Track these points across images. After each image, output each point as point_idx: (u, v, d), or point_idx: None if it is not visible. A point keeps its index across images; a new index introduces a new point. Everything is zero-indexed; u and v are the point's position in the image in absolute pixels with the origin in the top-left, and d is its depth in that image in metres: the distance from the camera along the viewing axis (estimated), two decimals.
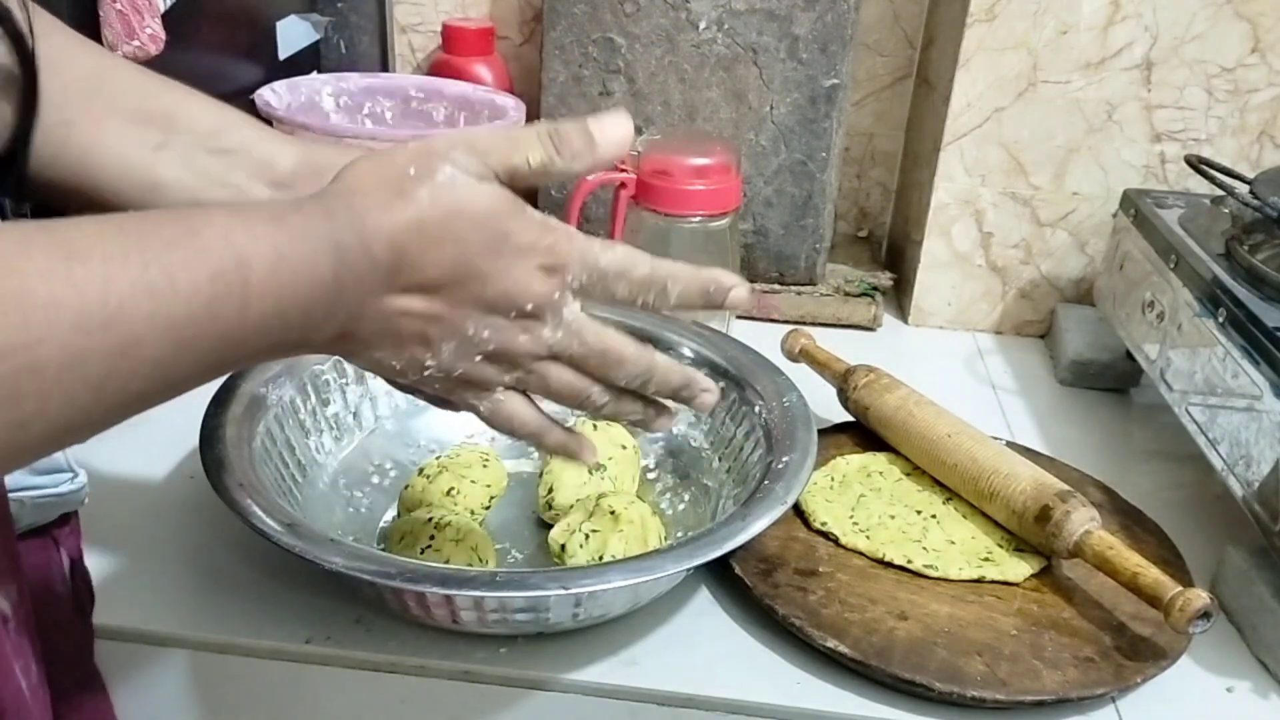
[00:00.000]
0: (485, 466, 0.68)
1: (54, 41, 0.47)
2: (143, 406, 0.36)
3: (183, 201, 0.49)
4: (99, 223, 0.35)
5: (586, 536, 0.62)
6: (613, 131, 0.46)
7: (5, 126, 0.44)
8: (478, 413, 0.48)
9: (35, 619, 0.44)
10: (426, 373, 0.45)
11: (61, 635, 0.47)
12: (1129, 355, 0.85)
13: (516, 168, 0.44)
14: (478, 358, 0.45)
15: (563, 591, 0.53)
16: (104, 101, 0.49)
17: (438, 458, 0.69)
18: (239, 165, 0.50)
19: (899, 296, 1.05)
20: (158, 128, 0.49)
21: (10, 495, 0.45)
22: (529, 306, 0.44)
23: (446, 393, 0.47)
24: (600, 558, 0.61)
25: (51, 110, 0.46)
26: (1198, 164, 0.79)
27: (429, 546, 0.61)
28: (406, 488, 0.68)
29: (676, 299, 0.47)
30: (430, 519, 0.63)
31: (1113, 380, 0.90)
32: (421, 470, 0.68)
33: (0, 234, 0.32)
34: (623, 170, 0.85)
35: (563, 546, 0.63)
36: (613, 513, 0.62)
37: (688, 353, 0.76)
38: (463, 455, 0.69)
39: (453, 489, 0.66)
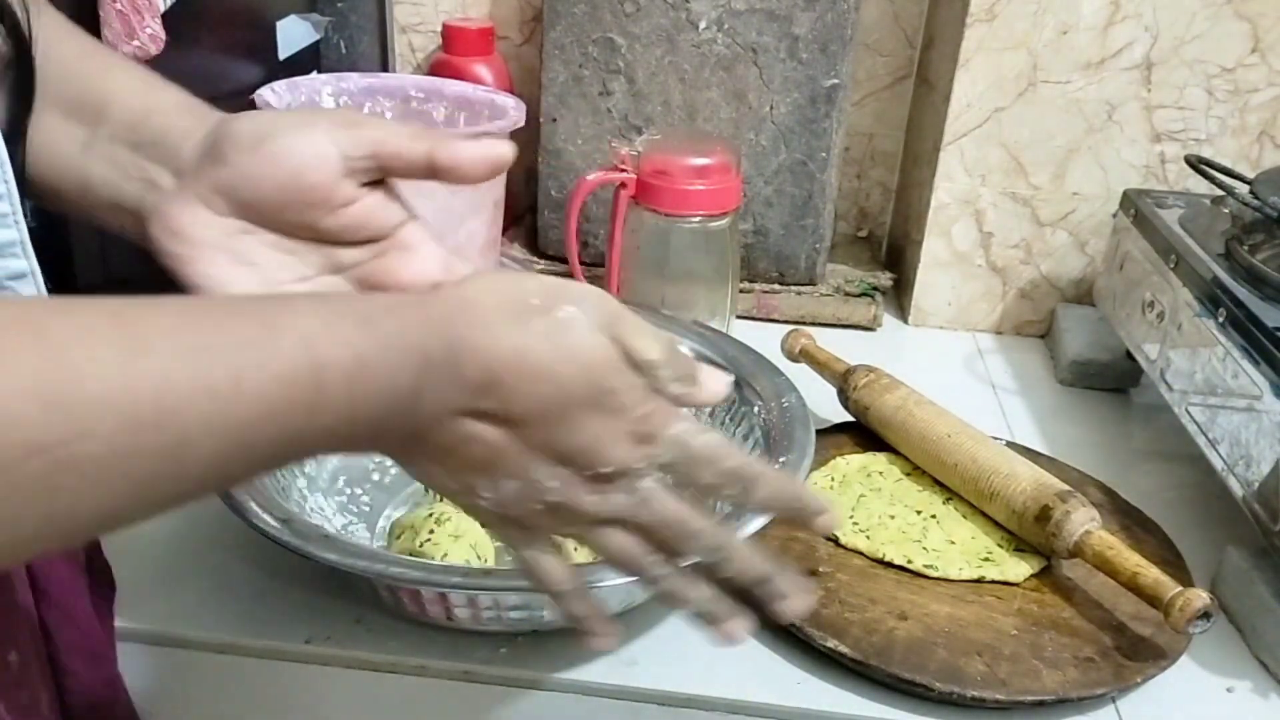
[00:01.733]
0: None
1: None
2: (187, 502, 0.34)
3: (107, 198, 0.46)
4: (178, 313, 0.33)
5: None
6: (712, 386, 0.44)
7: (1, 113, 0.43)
8: (517, 555, 0.45)
9: (52, 616, 0.44)
10: (480, 501, 0.42)
11: (80, 633, 0.47)
12: (1129, 355, 0.85)
13: (637, 351, 0.41)
14: (538, 506, 0.42)
15: None
16: (47, 91, 0.45)
17: None
18: (152, 157, 0.46)
19: (899, 296, 1.05)
20: (87, 121, 0.46)
21: None
22: (608, 470, 0.41)
23: (492, 525, 0.45)
24: (597, 559, 0.61)
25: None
26: (1198, 164, 0.79)
27: (428, 541, 0.61)
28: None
29: (760, 502, 0.45)
30: (431, 514, 0.63)
31: (1113, 380, 0.90)
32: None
33: (68, 316, 0.31)
34: (623, 170, 0.85)
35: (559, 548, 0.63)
36: None
37: (687, 352, 0.76)
38: None
39: None
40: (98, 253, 0.71)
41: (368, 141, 0.44)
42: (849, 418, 0.79)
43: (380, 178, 0.46)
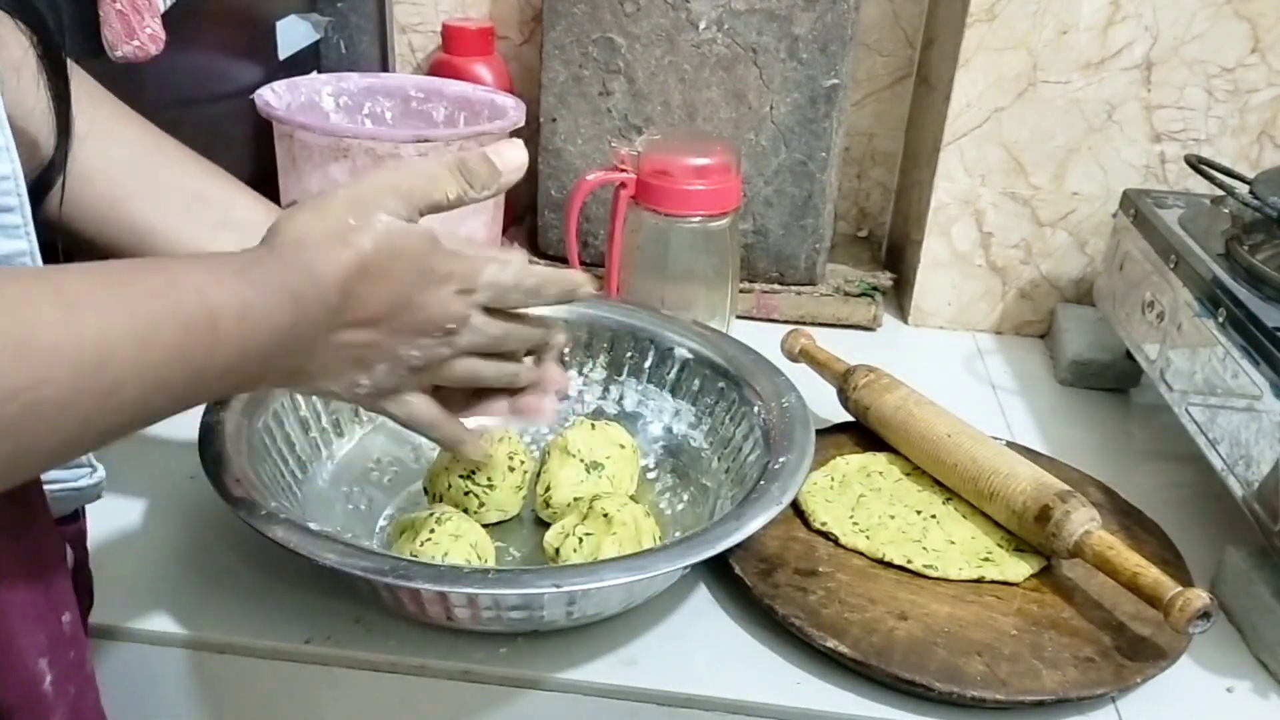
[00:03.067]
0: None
1: (106, 112, 0.57)
2: (118, 438, 0.41)
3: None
4: (88, 272, 0.39)
5: (580, 540, 0.62)
6: (510, 157, 0.54)
7: (44, 146, 0.49)
8: (392, 416, 0.55)
9: None
10: (359, 390, 0.52)
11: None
12: (1129, 355, 0.85)
13: (438, 203, 0.51)
14: (404, 372, 0.52)
15: (555, 589, 0.53)
16: (165, 174, 0.59)
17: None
18: None
19: (899, 296, 1.05)
20: (214, 209, 0.60)
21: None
22: (450, 325, 0.52)
23: (367, 404, 0.54)
24: (596, 558, 0.61)
25: (102, 182, 0.56)
26: (1198, 164, 0.79)
27: (428, 541, 0.61)
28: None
29: (553, 298, 0.56)
30: (431, 514, 0.63)
31: (1113, 380, 0.90)
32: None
33: (11, 283, 0.36)
34: (623, 170, 0.85)
35: (557, 550, 0.63)
36: (606, 515, 0.62)
37: (687, 353, 0.76)
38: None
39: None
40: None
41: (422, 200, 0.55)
42: (849, 418, 0.79)
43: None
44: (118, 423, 0.40)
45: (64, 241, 0.56)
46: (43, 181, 0.49)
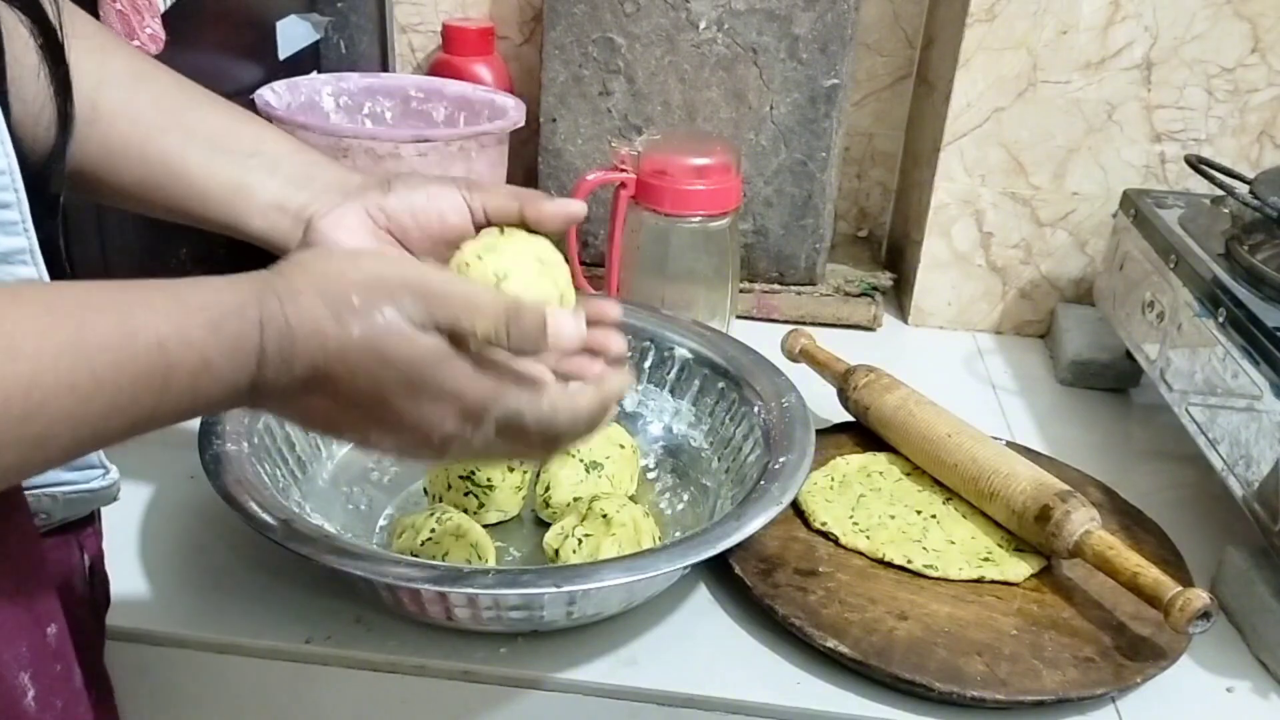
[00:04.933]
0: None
1: (124, 56, 0.54)
2: (47, 469, 0.39)
3: (269, 201, 0.55)
4: (46, 311, 0.37)
5: (580, 541, 0.62)
6: (566, 331, 0.47)
7: (49, 125, 0.47)
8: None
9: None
10: (334, 438, 0.50)
11: (78, 637, 0.47)
12: (1129, 355, 0.85)
13: (461, 332, 0.43)
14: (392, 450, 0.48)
15: (555, 589, 0.53)
16: (194, 115, 0.56)
17: None
18: (316, 180, 0.56)
19: (899, 296, 1.05)
20: (239, 150, 0.56)
21: (42, 490, 0.46)
22: (436, 440, 0.45)
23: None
24: (595, 558, 0.61)
25: (126, 123, 0.53)
26: (1198, 164, 0.79)
27: (428, 540, 0.61)
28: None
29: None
30: (431, 514, 0.63)
31: (1113, 380, 0.90)
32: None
33: None
34: (623, 170, 0.85)
35: (556, 551, 0.63)
36: (605, 516, 0.62)
37: (687, 353, 0.76)
38: None
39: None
40: (96, 234, 0.72)
41: (482, 198, 0.54)
42: (849, 418, 0.79)
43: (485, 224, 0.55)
44: (43, 468, 0.38)
45: (103, 198, 0.55)
46: (46, 172, 0.48)
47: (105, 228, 0.72)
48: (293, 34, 1.00)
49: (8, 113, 0.42)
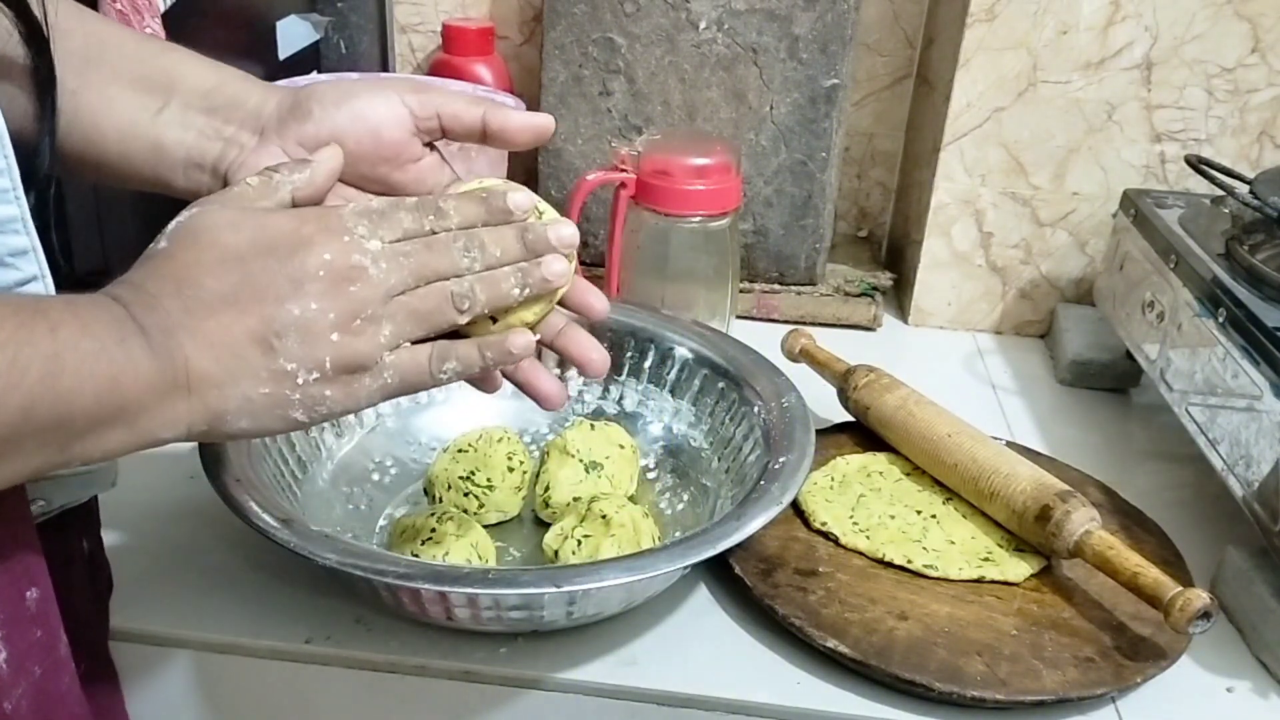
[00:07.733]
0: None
1: (58, 9, 0.47)
2: None
3: (184, 157, 0.51)
4: None
5: (579, 542, 0.62)
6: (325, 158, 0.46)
7: (27, 116, 0.45)
8: (388, 393, 0.45)
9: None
10: (300, 380, 0.42)
11: (80, 624, 0.47)
12: (1129, 355, 0.85)
13: (281, 199, 0.44)
14: (333, 335, 0.42)
15: (555, 589, 0.53)
16: (107, 69, 0.50)
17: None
18: (231, 119, 0.51)
19: (899, 296, 1.05)
20: (158, 92, 0.50)
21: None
22: (326, 256, 0.42)
23: (346, 397, 0.44)
24: (595, 558, 0.61)
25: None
26: (1198, 164, 0.79)
27: (428, 540, 0.61)
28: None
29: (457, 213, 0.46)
30: (431, 514, 0.63)
31: (1113, 380, 0.90)
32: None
33: None
34: (623, 170, 0.85)
35: (555, 552, 0.63)
36: (604, 517, 0.62)
37: (687, 353, 0.76)
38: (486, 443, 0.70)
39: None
40: (95, 227, 0.72)
41: (433, 103, 0.49)
42: (849, 418, 0.79)
43: (440, 138, 0.50)
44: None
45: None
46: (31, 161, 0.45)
47: (105, 228, 0.72)
48: (293, 34, 1.00)
49: None
